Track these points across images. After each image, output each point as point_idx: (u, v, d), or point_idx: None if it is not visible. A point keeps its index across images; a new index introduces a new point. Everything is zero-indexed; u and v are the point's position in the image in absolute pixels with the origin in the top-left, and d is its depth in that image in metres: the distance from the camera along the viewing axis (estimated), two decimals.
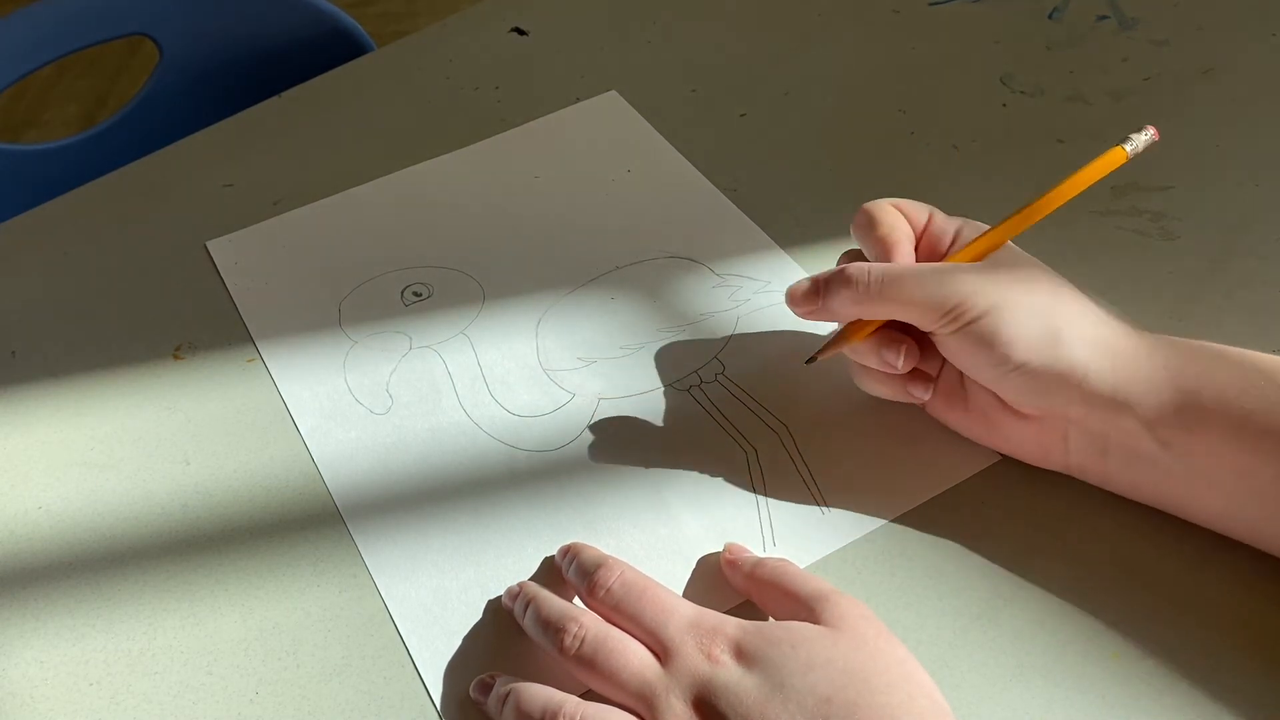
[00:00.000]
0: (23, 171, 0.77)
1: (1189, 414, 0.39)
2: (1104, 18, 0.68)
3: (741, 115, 0.63)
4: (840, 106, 0.63)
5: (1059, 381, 0.40)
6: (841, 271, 0.43)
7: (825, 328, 0.50)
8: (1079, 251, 0.54)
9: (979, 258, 0.43)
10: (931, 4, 0.70)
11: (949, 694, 0.39)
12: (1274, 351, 0.49)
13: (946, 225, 0.45)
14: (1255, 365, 0.39)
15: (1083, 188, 0.43)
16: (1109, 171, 0.43)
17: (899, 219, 0.45)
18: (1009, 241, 0.44)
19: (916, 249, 0.45)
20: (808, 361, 0.46)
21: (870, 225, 0.45)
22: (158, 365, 0.52)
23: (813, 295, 0.44)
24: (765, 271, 0.54)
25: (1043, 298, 0.41)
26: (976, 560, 0.42)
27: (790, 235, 0.56)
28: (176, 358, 0.53)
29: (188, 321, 0.54)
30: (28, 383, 0.52)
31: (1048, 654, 0.40)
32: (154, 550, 0.45)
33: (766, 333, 0.51)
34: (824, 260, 0.54)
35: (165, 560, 0.45)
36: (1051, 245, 0.54)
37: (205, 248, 0.57)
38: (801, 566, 0.43)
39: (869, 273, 0.42)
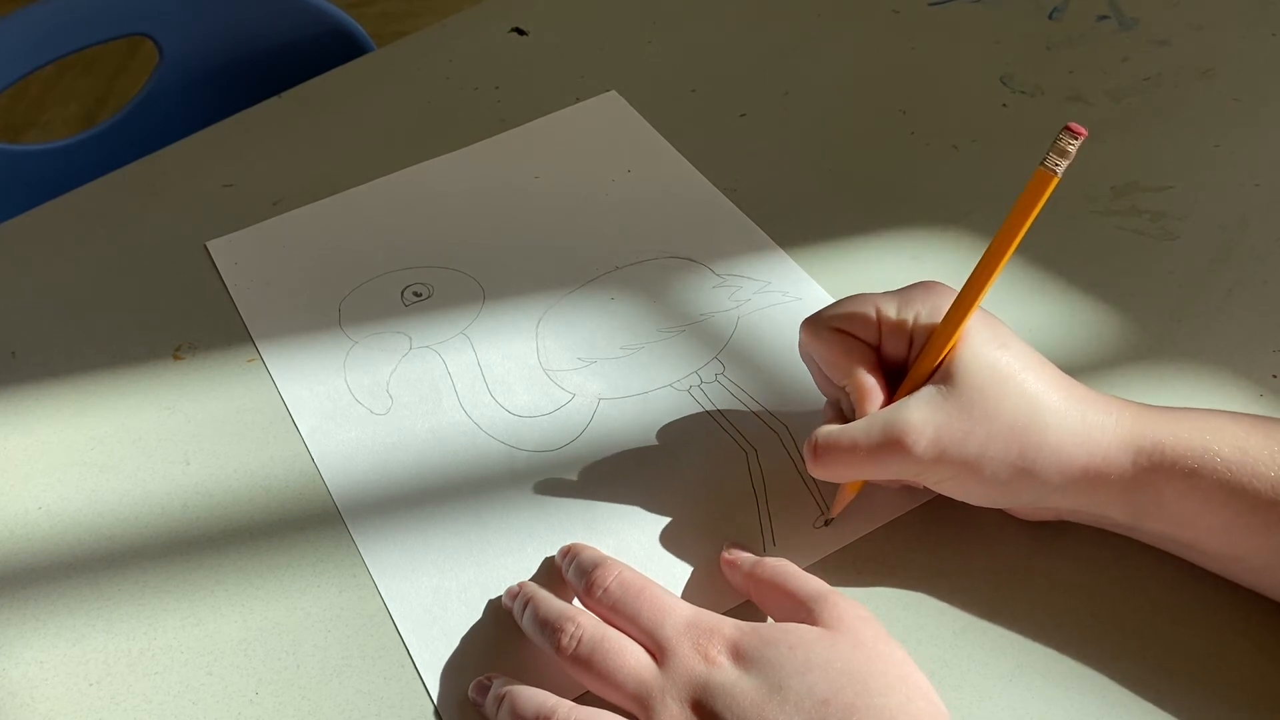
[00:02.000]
0: (23, 171, 0.77)
1: (1170, 506, 0.39)
2: (1104, 18, 0.68)
3: (741, 115, 0.63)
4: (840, 106, 0.63)
5: (1037, 502, 0.40)
6: (807, 449, 0.41)
7: None
8: (1079, 251, 0.54)
9: (941, 357, 0.40)
10: (931, 4, 0.70)
11: (949, 694, 0.39)
12: (1273, 352, 0.49)
13: (901, 314, 0.41)
14: (1207, 424, 0.39)
15: (1023, 230, 0.39)
16: (1045, 199, 0.38)
17: (843, 349, 0.42)
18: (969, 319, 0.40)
19: (880, 349, 0.42)
20: (826, 524, 0.44)
21: (819, 362, 0.43)
22: (158, 365, 0.52)
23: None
24: (765, 271, 0.54)
25: (1009, 429, 0.38)
26: (976, 560, 0.42)
27: (790, 235, 0.56)
28: (176, 358, 0.53)
29: (188, 321, 0.54)
30: (28, 383, 0.52)
31: (1048, 654, 0.40)
32: (154, 550, 0.45)
33: (766, 333, 0.51)
34: (824, 260, 0.54)
35: (165, 560, 0.45)
36: (1052, 246, 0.54)
37: (205, 248, 0.57)
38: (802, 567, 0.43)
39: (819, 455, 0.40)
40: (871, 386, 0.41)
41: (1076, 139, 0.37)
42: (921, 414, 0.39)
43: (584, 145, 0.62)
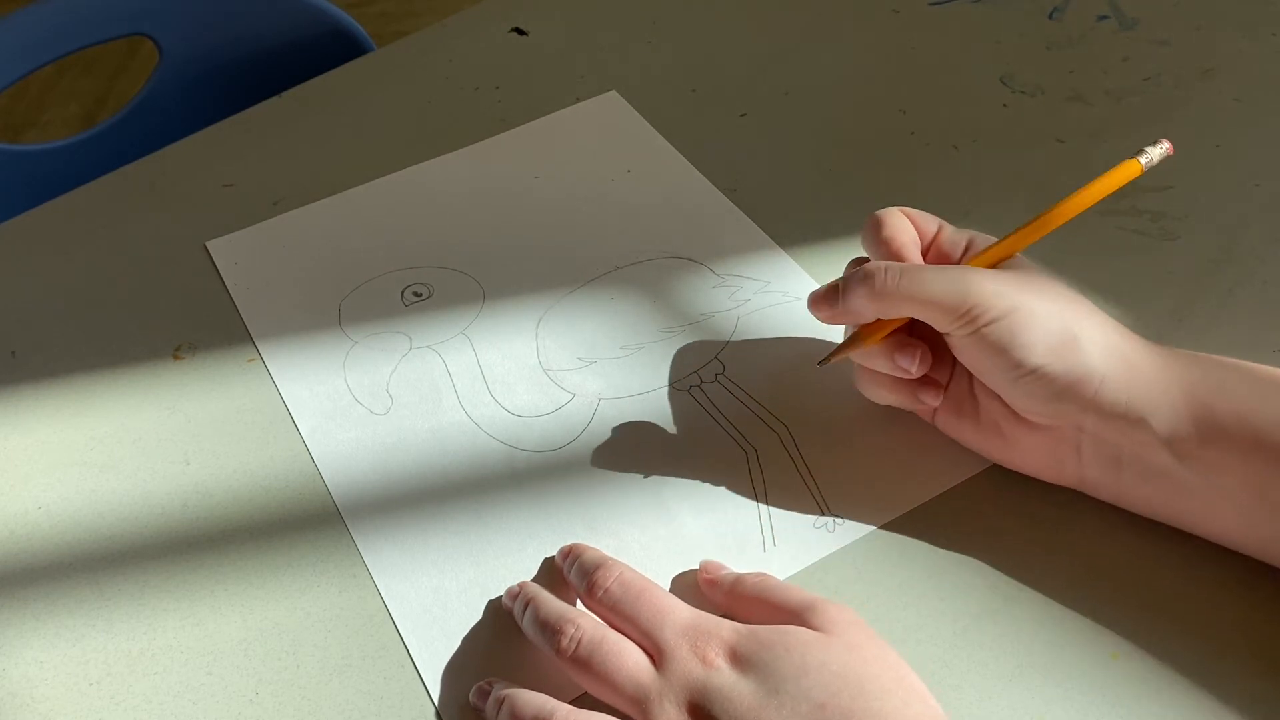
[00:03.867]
0: (23, 171, 0.77)
1: (1205, 428, 0.38)
2: (1104, 18, 0.68)
3: (741, 115, 0.63)
4: (840, 106, 0.63)
5: (1074, 388, 0.39)
6: (862, 269, 0.42)
7: (827, 330, 0.50)
8: (1079, 251, 0.54)
9: (993, 265, 0.43)
10: (931, 4, 0.70)
11: (949, 694, 0.39)
12: (1274, 350, 0.49)
13: (957, 238, 0.45)
14: (1271, 380, 0.39)
15: (1095, 200, 0.42)
16: (1122, 184, 0.43)
17: (907, 226, 0.45)
18: (1020, 254, 0.43)
19: (925, 256, 0.45)
20: (820, 363, 0.46)
21: (878, 230, 0.45)
22: (158, 365, 0.52)
23: (832, 295, 0.43)
24: (765, 271, 0.54)
25: (1060, 304, 0.40)
26: (976, 560, 0.42)
27: (790, 235, 0.56)
28: (176, 358, 0.53)
29: (188, 321, 0.54)
30: (28, 383, 0.52)
31: (1048, 654, 0.40)
32: (154, 550, 0.45)
33: (767, 333, 0.51)
34: (824, 260, 0.54)
35: (165, 560, 0.45)
36: (1052, 245, 0.54)
37: (205, 248, 0.57)
38: (802, 567, 0.43)
39: (888, 270, 0.41)
40: (914, 243, 0.44)
41: (1167, 154, 0.43)
42: (984, 277, 0.41)
43: (584, 145, 0.62)
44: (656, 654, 0.37)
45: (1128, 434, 0.40)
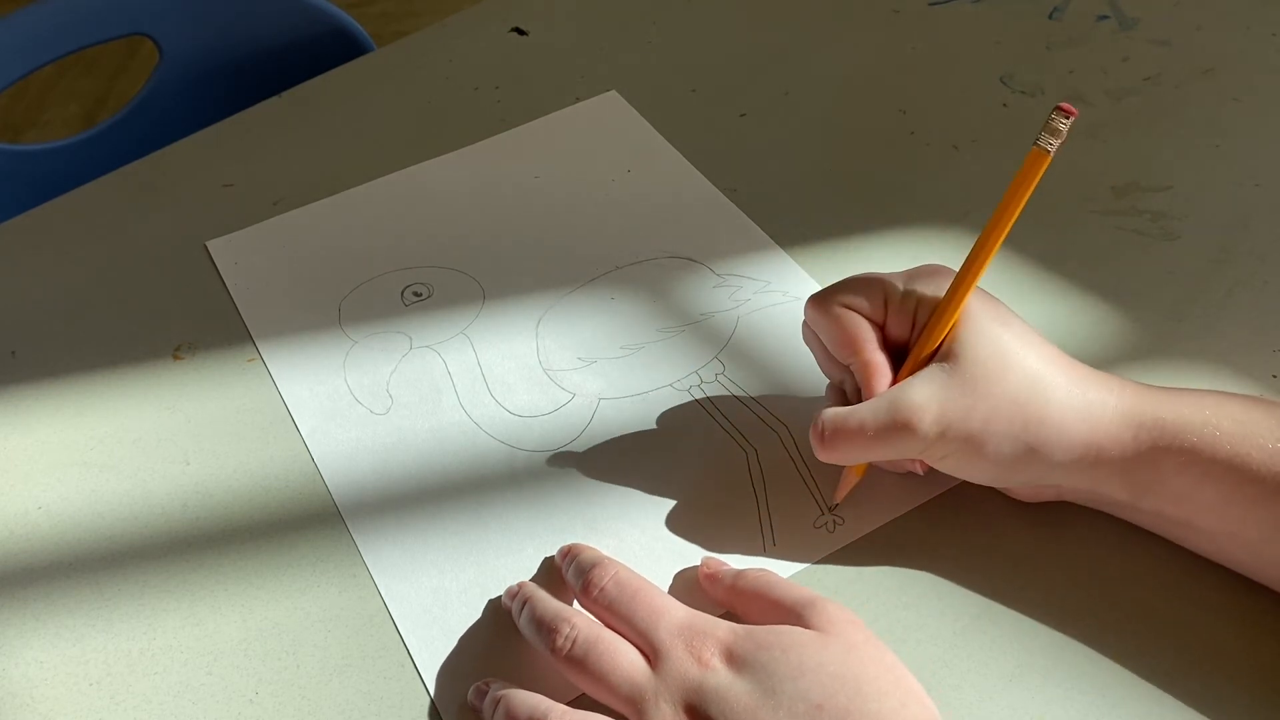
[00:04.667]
0: (23, 171, 0.77)
1: (1170, 485, 0.39)
2: (1104, 18, 0.68)
3: (741, 115, 0.63)
4: (840, 106, 0.63)
5: (1042, 484, 0.41)
6: (813, 430, 0.41)
7: None
8: (1079, 251, 0.54)
9: (943, 336, 0.40)
10: (931, 4, 0.70)
11: (949, 694, 0.39)
12: (1273, 351, 0.49)
13: (903, 311, 0.42)
14: (1206, 400, 0.39)
15: (1017, 209, 0.40)
16: (1039, 178, 0.39)
17: (848, 325, 0.42)
18: (968, 298, 0.41)
19: (885, 328, 0.42)
20: (832, 509, 0.44)
21: (826, 341, 0.43)
22: (158, 365, 0.52)
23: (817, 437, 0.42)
24: (765, 271, 0.54)
25: (1011, 406, 0.39)
26: (976, 560, 0.42)
27: (790, 235, 0.56)
28: (176, 358, 0.53)
29: (188, 321, 0.54)
30: (28, 383, 0.52)
31: (1048, 654, 0.40)
32: (154, 550, 0.45)
33: (767, 333, 0.51)
34: (824, 260, 0.54)
35: (165, 560, 0.45)
36: (1052, 245, 0.54)
37: (205, 248, 0.57)
38: (802, 567, 0.43)
39: (823, 424, 0.41)
40: (880, 364, 0.41)
41: (1068, 118, 0.38)
42: (926, 392, 0.39)
43: (584, 145, 0.62)
44: (652, 654, 0.37)
45: (1100, 497, 0.41)
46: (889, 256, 0.55)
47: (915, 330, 0.42)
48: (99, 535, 0.46)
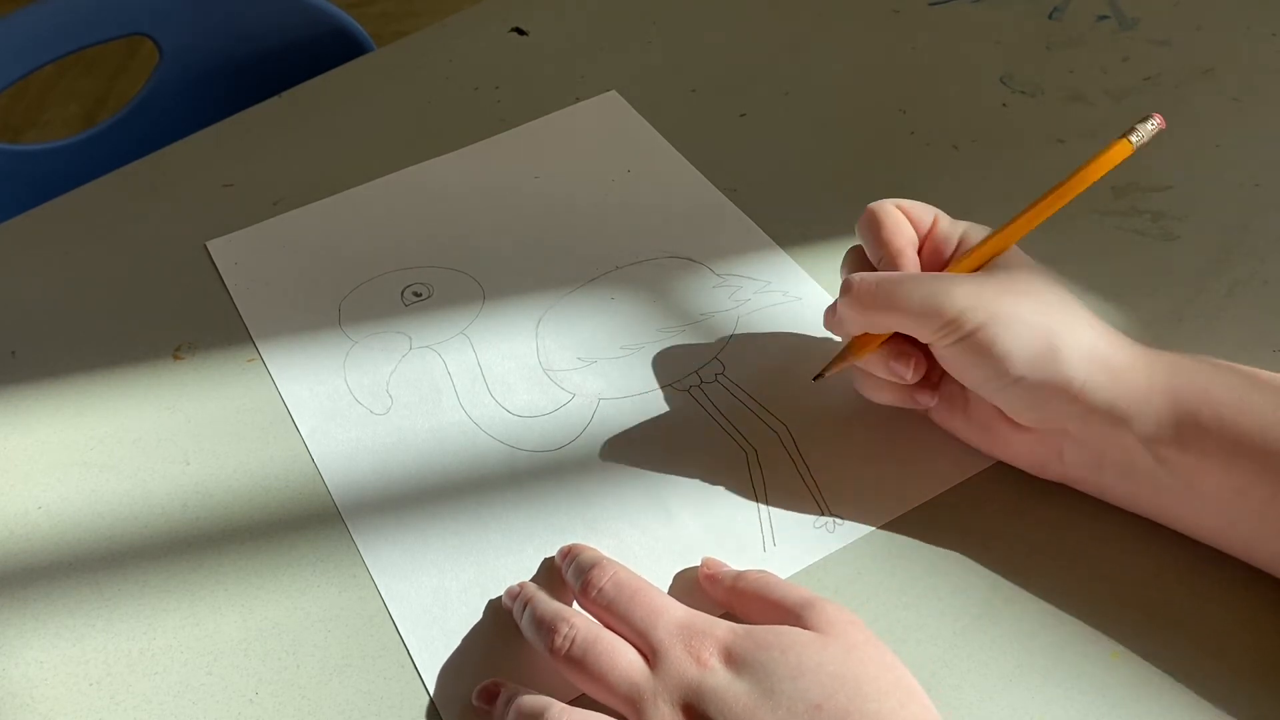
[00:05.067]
0: (23, 171, 0.77)
1: (1185, 432, 0.39)
2: (1104, 18, 0.68)
3: (741, 115, 0.63)
4: (840, 106, 0.63)
5: (1055, 396, 0.40)
6: (845, 282, 0.43)
7: (827, 330, 0.50)
8: (1079, 251, 0.54)
9: (983, 263, 0.43)
10: (931, 4, 0.70)
11: (949, 694, 0.39)
12: (1274, 350, 0.49)
13: (951, 229, 0.45)
14: (1253, 382, 0.39)
15: (1088, 184, 0.42)
16: (1114, 166, 0.42)
17: (902, 222, 0.45)
18: (1014, 246, 0.43)
19: (921, 251, 0.45)
20: (815, 379, 0.46)
21: (874, 227, 0.45)
22: (158, 365, 0.52)
23: (831, 307, 0.45)
24: (765, 271, 0.54)
25: (1042, 310, 0.40)
26: (976, 560, 0.42)
27: (790, 235, 0.56)
28: (176, 358, 0.53)
29: (188, 321, 0.54)
30: (28, 383, 0.52)
31: (1047, 654, 0.40)
32: (154, 550, 0.45)
33: (766, 333, 0.51)
34: (824, 260, 0.54)
35: (165, 560, 0.45)
36: (1051, 245, 0.54)
37: (205, 248, 0.57)
38: (802, 567, 0.43)
39: (863, 282, 0.42)
40: (914, 262, 0.44)
41: (1155, 127, 0.41)
42: (964, 286, 0.41)
43: (584, 145, 0.62)
44: (650, 654, 0.37)
45: (1109, 438, 0.40)
46: None
47: (955, 255, 0.44)
48: (99, 535, 0.46)
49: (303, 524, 0.46)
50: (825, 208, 0.57)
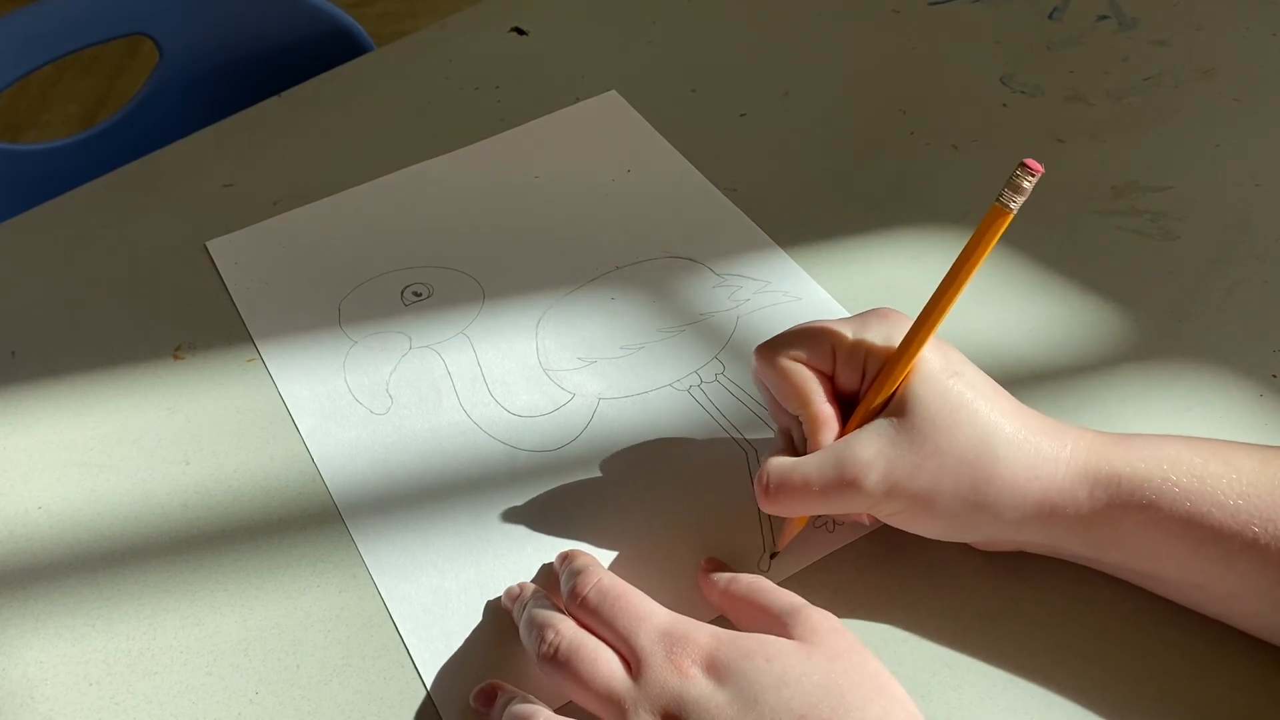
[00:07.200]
0: (23, 171, 0.77)
1: (1107, 510, 0.38)
2: (1104, 18, 0.68)
3: (741, 115, 0.63)
4: (840, 106, 0.63)
5: (996, 533, 0.40)
6: (757, 478, 0.41)
7: None
8: (1079, 251, 0.54)
9: (893, 389, 0.39)
10: (931, 4, 0.70)
11: (949, 694, 0.39)
12: (1273, 352, 0.49)
13: (851, 362, 0.40)
14: (1164, 451, 0.38)
15: (977, 264, 0.38)
16: (1000, 234, 0.37)
17: (803, 383, 0.41)
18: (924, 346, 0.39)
19: (835, 381, 0.41)
20: (772, 556, 0.43)
21: (780, 392, 0.41)
22: (158, 365, 0.52)
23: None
24: (765, 271, 0.54)
25: (956, 461, 0.38)
26: (976, 560, 0.42)
27: (790, 235, 0.56)
28: (176, 358, 0.53)
29: (188, 321, 0.54)
30: (28, 383, 0.52)
31: (1048, 655, 0.40)
32: (154, 550, 0.45)
33: (766, 333, 0.51)
34: (823, 260, 0.54)
35: (165, 560, 0.45)
36: (1051, 246, 0.54)
37: (205, 248, 0.57)
38: (802, 567, 0.43)
39: (768, 476, 0.40)
40: (827, 417, 0.40)
41: (1034, 177, 0.36)
42: (873, 448, 0.38)
43: (584, 145, 0.62)
44: (634, 660, 0.37)
45: (1050, 531, 0.39)
46: (889, 257, 0.55)
47: (865, 380, 0.40)
48: (99, 535, 0.46)
49: (303, 524, 0.46)
50: (825, 208, 0.57)
